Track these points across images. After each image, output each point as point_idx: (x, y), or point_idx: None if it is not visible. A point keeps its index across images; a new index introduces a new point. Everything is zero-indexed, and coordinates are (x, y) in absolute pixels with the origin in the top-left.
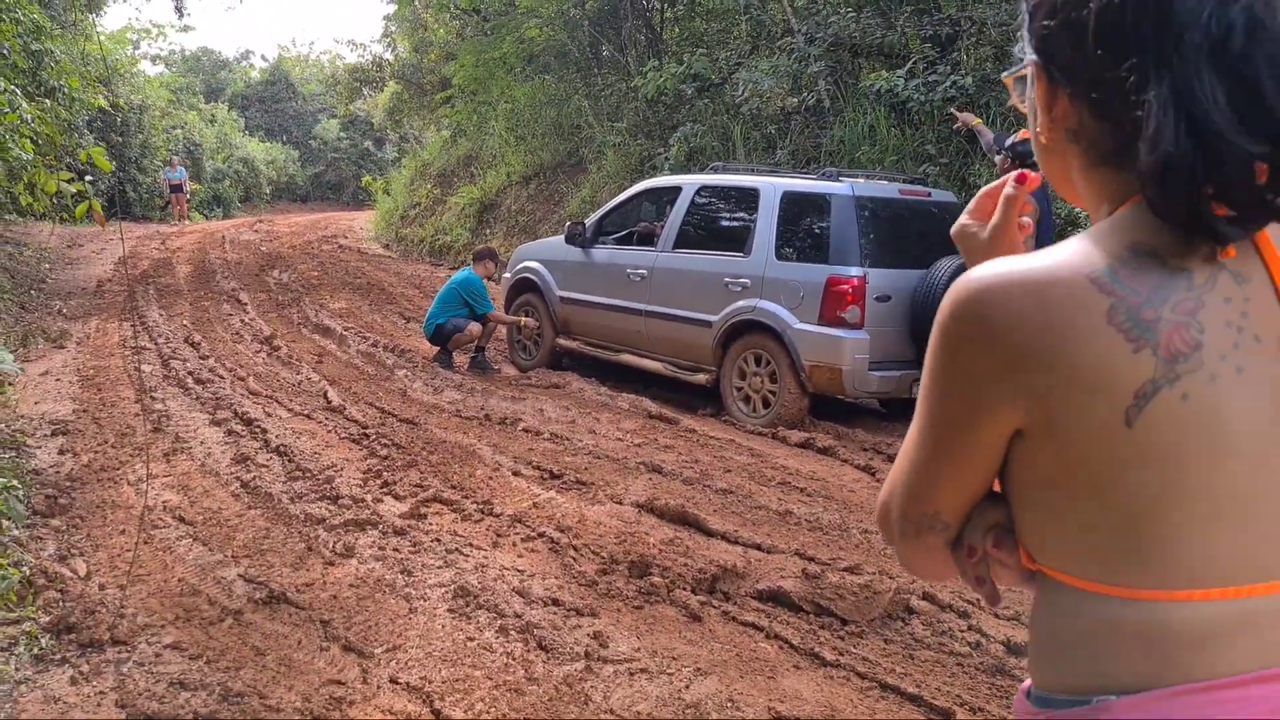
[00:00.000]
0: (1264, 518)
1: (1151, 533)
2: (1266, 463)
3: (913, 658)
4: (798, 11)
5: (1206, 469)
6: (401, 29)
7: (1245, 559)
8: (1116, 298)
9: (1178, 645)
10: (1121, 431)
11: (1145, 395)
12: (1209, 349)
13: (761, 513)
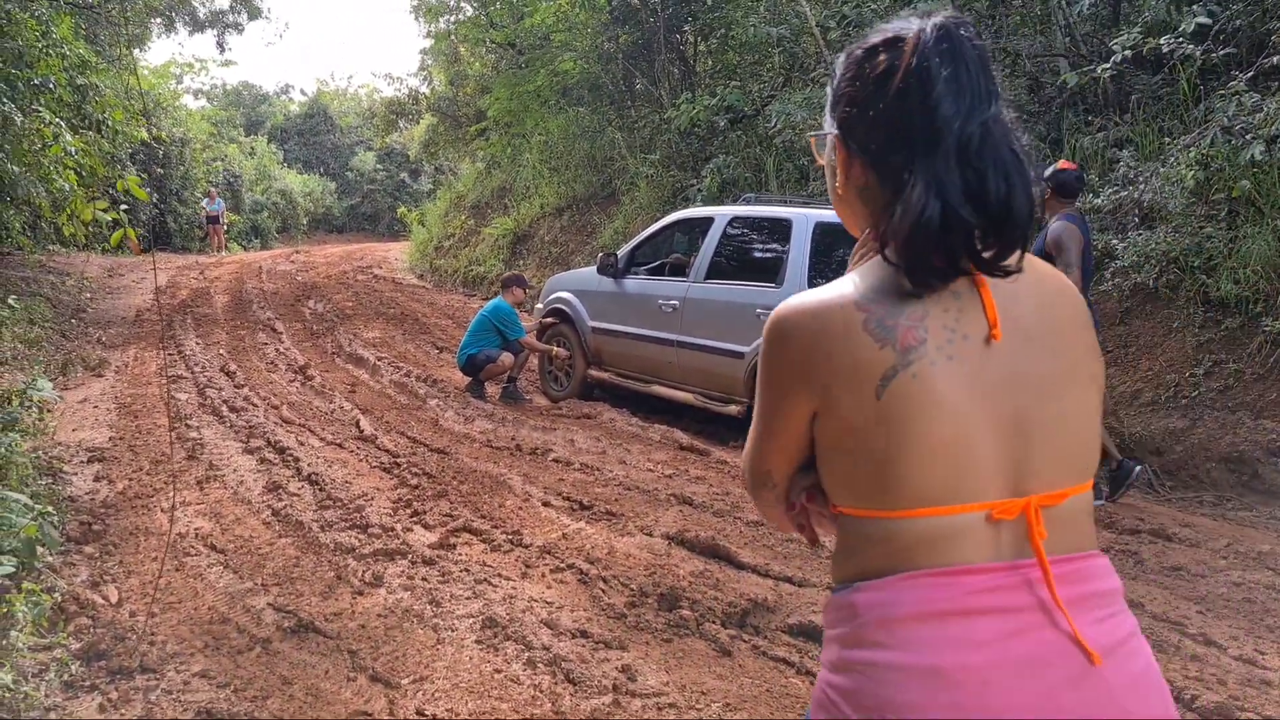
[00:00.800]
0: (965, 457)
1: (891, 471)
2: (967, 419)
3: None
4: (831, 44)
5: (926, 425)
6: (438, 62)
7: (953, 487)
8: (868, 312)
9: (904, 547)
10: (873, 403)
11: (888, 377)
12: (930, 343)
13: (793, 545)
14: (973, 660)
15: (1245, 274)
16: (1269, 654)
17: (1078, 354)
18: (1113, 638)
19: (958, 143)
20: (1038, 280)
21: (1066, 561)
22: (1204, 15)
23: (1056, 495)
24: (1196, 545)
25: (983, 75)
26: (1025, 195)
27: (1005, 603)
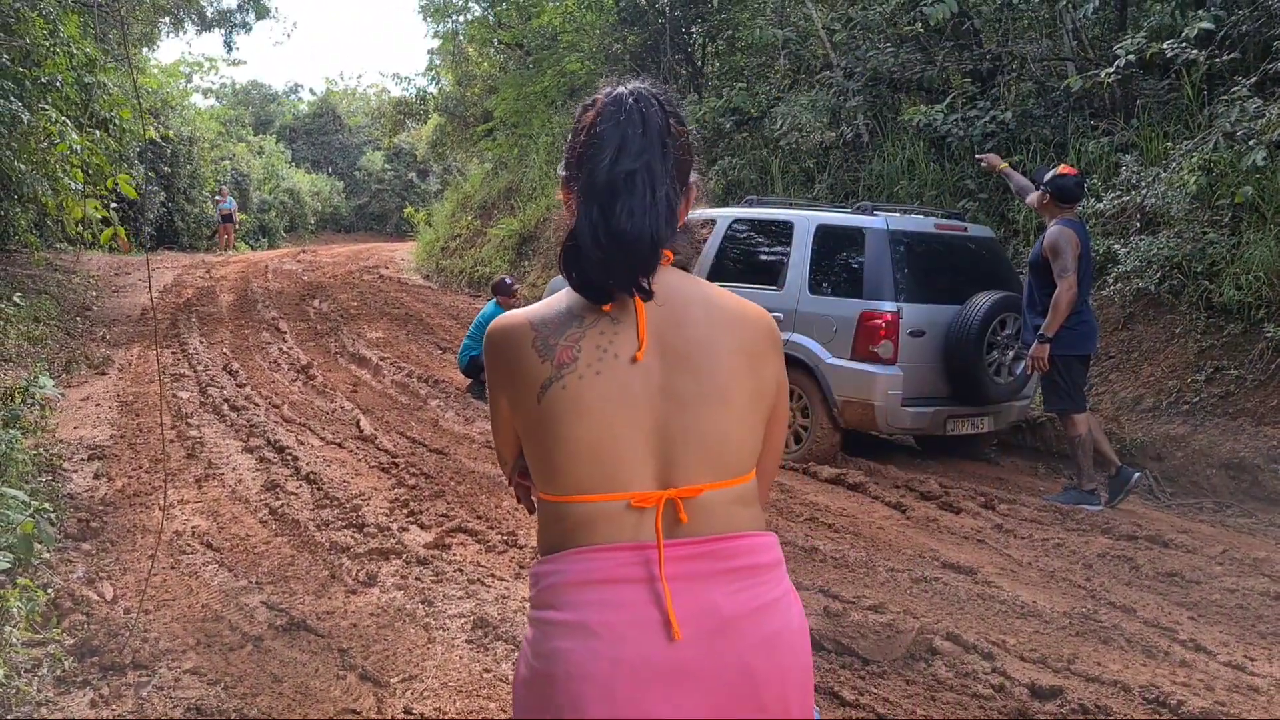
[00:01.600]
0: (608, 455)
1: (552, 463)
2: (610, 424)
3: (934, 699)
4: (837, 46)
5: (571, 428)
6: (445, 63)
7: (600, 479)
8: (537, 333)
9: (570, 527)
10: (536, 407)
11: (545, 386)
12: (582, 360)
13: (787, 549)
14: (611, 618)
15: (1247, 280)
16: (1259, 660)
17: (727, 376)
18: (749, 605)
19: (600, 185)
20: (709, 309)
21: (706, 542)
22: (1208, 21)
23: (693, 490)
24: (1193, 551)
25: (643, 135)
26: (648, 231)
27: (637, 574)
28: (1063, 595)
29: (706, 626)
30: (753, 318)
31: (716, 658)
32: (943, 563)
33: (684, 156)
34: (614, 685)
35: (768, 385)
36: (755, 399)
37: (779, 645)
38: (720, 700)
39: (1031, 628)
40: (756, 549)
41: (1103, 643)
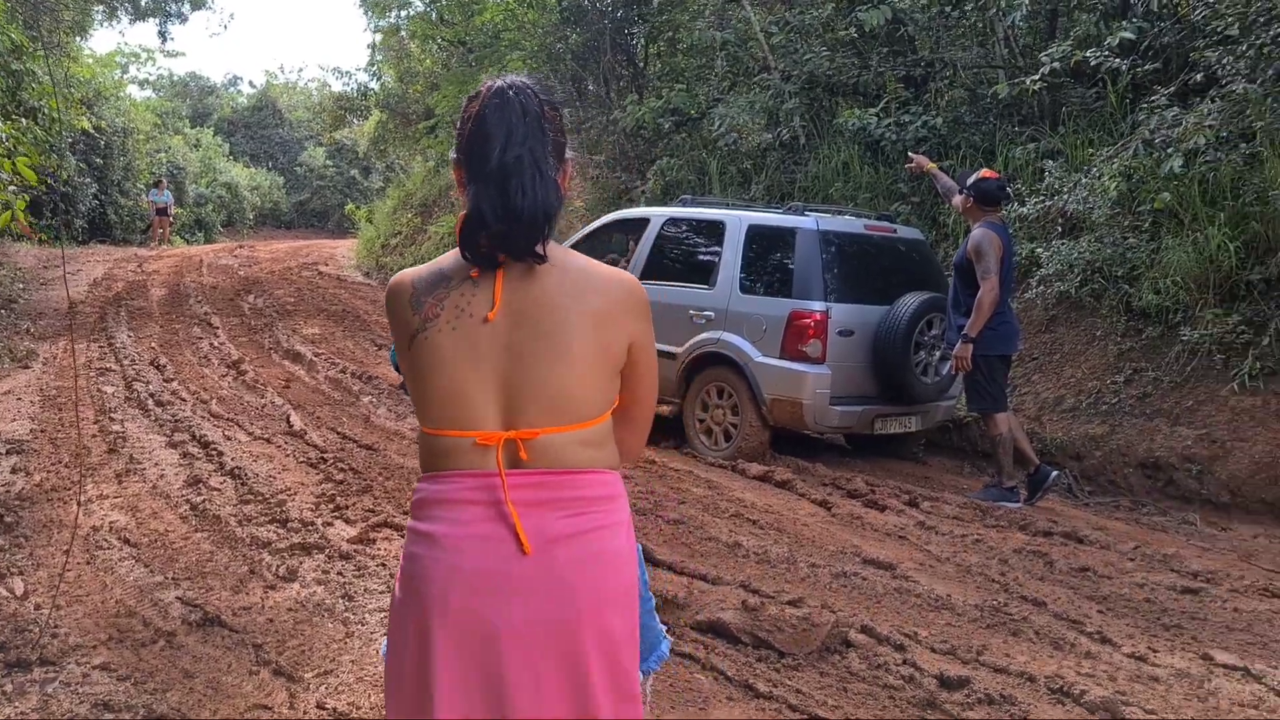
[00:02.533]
0: (459, 400)
1: (420, 401)
2: (461, 374)
3: (846, 690)
4: (774, 49)
5: (430, 375)
6: (387, 58)
7: (454, 418)
8: (414, 290)
9: (434, 455)
10: (409, 353)
11: (413, 336)
12: (443, 318)
13: (711, 544)
14: (454, 532)
15: (1166, 284)
16: (1161, 651)
17: (570, 336)
18: (576, 529)
19: (496, 167)
20: (563, 276)
21: (541, 474)
22: (1129, 31)
23: (532, 432)
24: (1106, 548)
25: (524, 122)
26: (540, 207)
27: (478, 498)
28: (977, 589)
29: (535, 543)
30: (606, 285)
31: (542, 571)
32: (863, 558)
33: (559, 138)
34: (450, 587)
35: (617, 345)
36: (600, 357)
37: (600, 565)
38: (541, 607)
39: (944, 620)
40: (591, 484)
41: (1012, 635)
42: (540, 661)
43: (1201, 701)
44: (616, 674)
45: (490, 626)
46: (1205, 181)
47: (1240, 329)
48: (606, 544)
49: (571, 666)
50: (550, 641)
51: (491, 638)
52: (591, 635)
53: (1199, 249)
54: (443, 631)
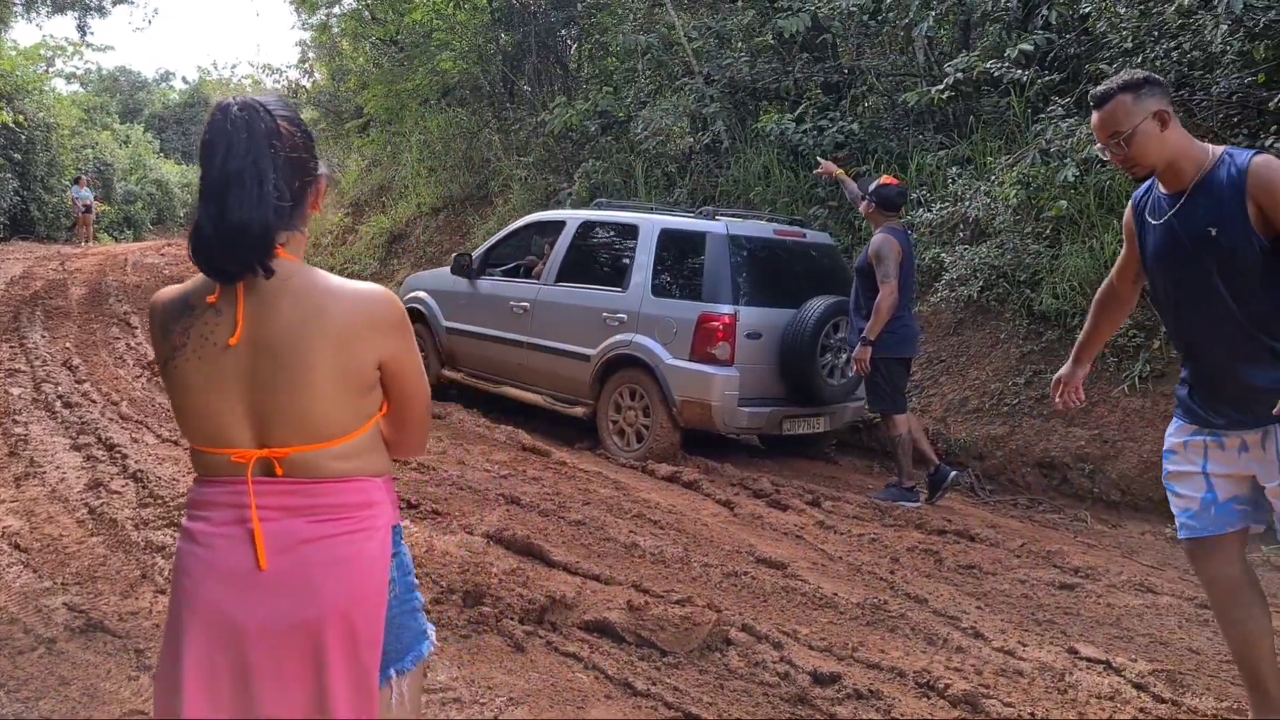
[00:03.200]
0: (210, 421)
1: (181, 423)
2: (207, 398)
3: (723, 688)
4: (697, 54)
5: (180, 399)
6: (319, 56)
7: (209, 437)
8: (166, 315)
9: (200, 466)
10: (164, 376)
11: (165, 361)
12: (189, 346)
13: (609, 544)
14: (208, 530)
15: (1064, 289)
16: (1030, 645)
17: (308, 361)
18: (324, 533)
19: (215, 181)
20: (302, 299)
21: (295, 484)
22: (1027, 43)
23: (283, 451)
24: (995, 545)
25: (249, 138)
26: (257, 221)
27: (232, 502)
28: (864, 587)
29: (282, 546)
30: (352, 305)
31: (287, 571)
32: (757, 558)
33: (294, 154)
34: (202, 581)
35: (363, 364)
36: (344, 379)
37: (346, 567)
38: (286, 606)
39: (827, 618)
40: (344, 491)
41: (890, 631)
42: (283, 658)
43: (1061, 694)
44: (357, 673)
45: (236, 623)
46: (1102, 190)
47: (1132, 333)
48: (354, 548)
49: (313, 664)
50: (293, 639)
51: (238, 634)
52: (334, 634)
53: (1095, 255)
54: (193, 623)
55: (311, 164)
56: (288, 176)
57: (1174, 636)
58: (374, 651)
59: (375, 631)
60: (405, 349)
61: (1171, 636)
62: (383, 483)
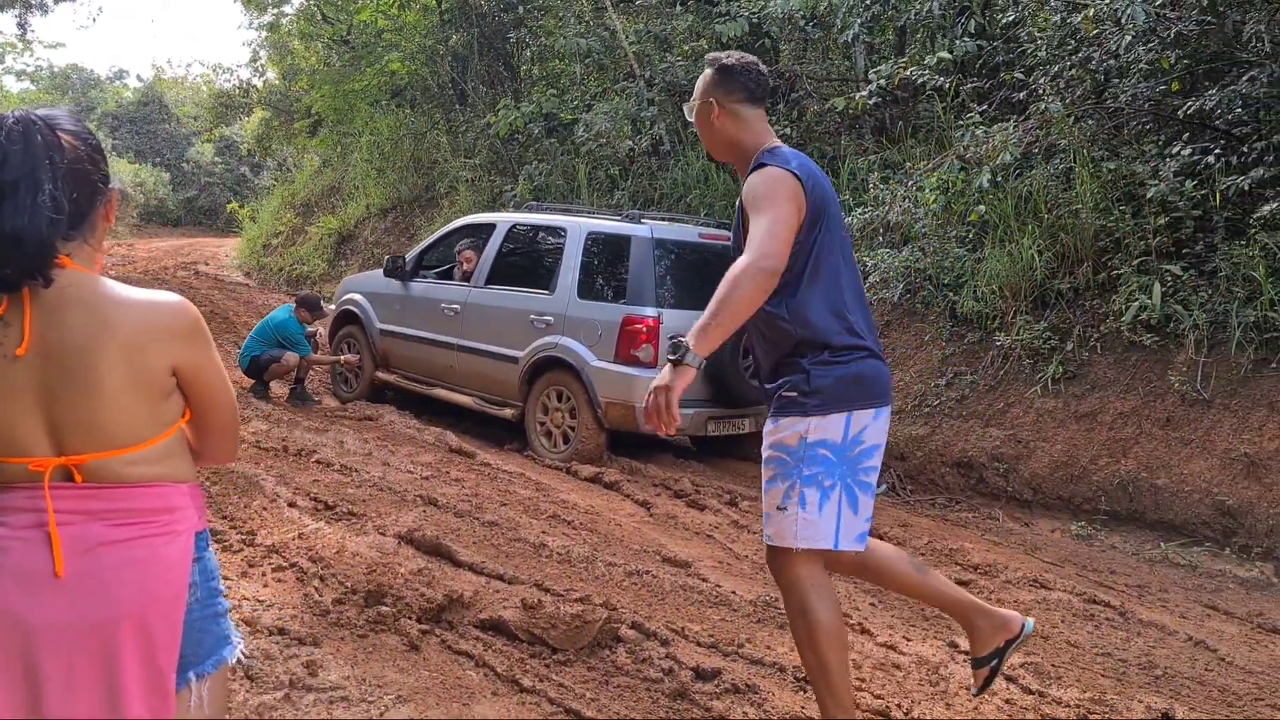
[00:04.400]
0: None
1: None
2: (3, 409)
3: (608, 684)
4: (638, 57)
5: None
6: (270, 55)
7: (8, 446)
8: None
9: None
10: None
11: None
12: None
13: (519, 545)
14: (6, 534)
15: (985, 292)
16: (913, 640)
17: (97, 370)
18: (121, 537)
19: None
20: (92, 308)
21: (92, 489)
22: (945, 50)
23: (80, 459)
24: (903, 544)
25: (25, 150)
26: (31, 231)
27: (29, 506)
28: (762, 585)
29: (79, 549)
30: (142, 314)
31: (83, 573)
32: (664, 557)
33: (76, 166)
34: (1, 582)
35: (156, 371)
36: (137, 387)
37: (142, 570)
38: (80, 608)
39: (719, 615)
40: (144, 496)
41: (779, 628)
42: (76, 660)
43: (932, 686)
44: (152, 674)
45: (27, 624)
46: (1020, 196)
47: (1047, 335)
48: (152, 551)
49: (105, 665)
50: (86, 641)
51: (30, 634)
52: (129, 636)
53: (1014, 260)
54: None
55: (97, 177)
56: (68, 189)
57: (1056, 631)
58: (170, 654)
59: (172, 634)
60: (200, 355)
61: (1053, 631)
62: (187, 489)
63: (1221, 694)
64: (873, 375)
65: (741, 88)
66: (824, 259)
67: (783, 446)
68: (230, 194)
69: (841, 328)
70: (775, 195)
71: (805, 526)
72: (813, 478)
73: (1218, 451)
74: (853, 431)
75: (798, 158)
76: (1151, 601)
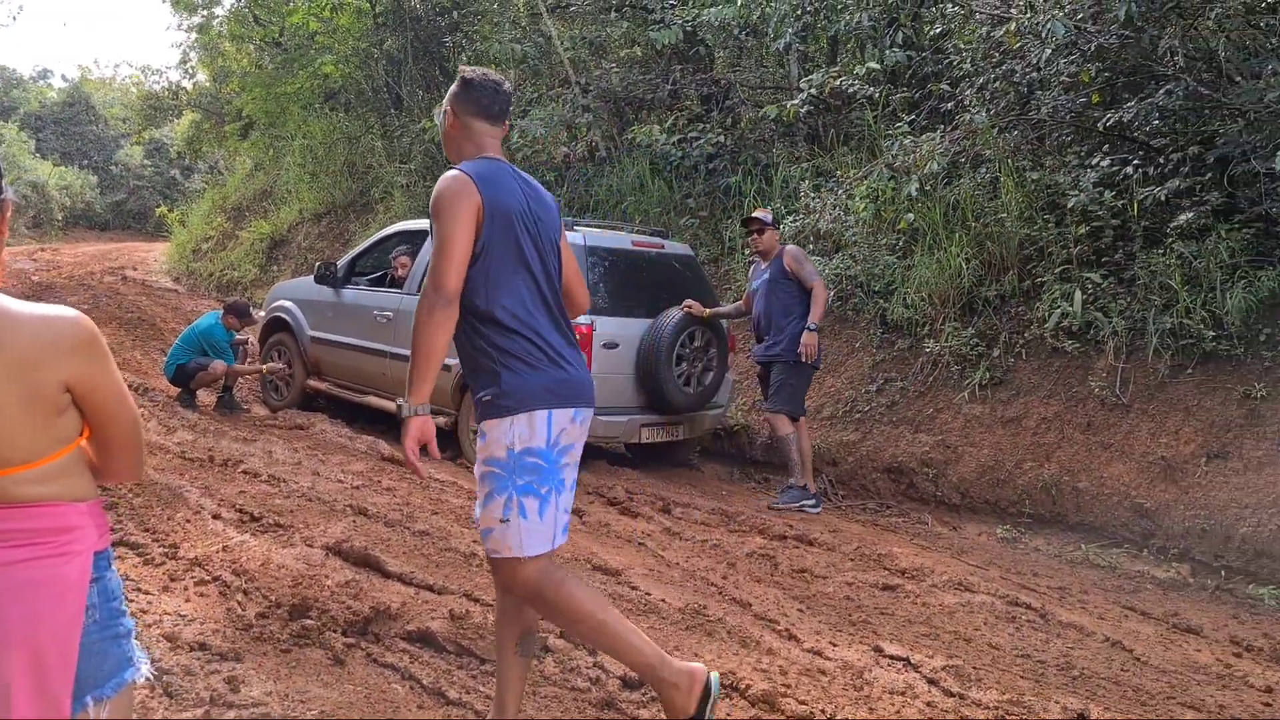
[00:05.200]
0: None
1: None
2: None
3: (536, 694)
4: (574, 63)
5: None
6: (201, 57)
7: None
8: None
9: None
10: None
11: None
12: None
13: (450, 554)
14: None
15: (915, 299)
16: (840, 646)
17: None
18: (11, 558)
19: None
20: None
21: None
22: (874, 61)
23: None
24: (832, 549)
25: None
26: None
27: None
28: (693, 593)
29: None
30: (32, 330)
31: None
32: (595, 565)
33: None
34: None
35: (47, 387)
36: (26, 402)
37: (36, 592)
38: None
39: (648, 624)
40: (39, 516)
41: (707, 635)
42: None
43: (856, 690)
44: (43, 699)
45: None
46: (949, 204)
47: (974, 342)
48: (46, 572)
49: None
50: None
51: None
52: (20, 658)
53: (943, 267)
54: None
55: None
56: None
57: (978, 633)
58: (64, 678)
59: (66, 658)
60: (96, 371)
61: (976, 633)
62: (86, 507)
63: (1136, 694)
64: (562, 380)
65: (474, 102)
66: (503, 267)
67: (494, 460)
68: (160, 197)
69: (529, 334)
70: (448, 212)
71: (530, 534)
72: (528, 487)
73: (1136, 455)
74: (554, 432)
75: (486, 165)
76: (1072, 603)
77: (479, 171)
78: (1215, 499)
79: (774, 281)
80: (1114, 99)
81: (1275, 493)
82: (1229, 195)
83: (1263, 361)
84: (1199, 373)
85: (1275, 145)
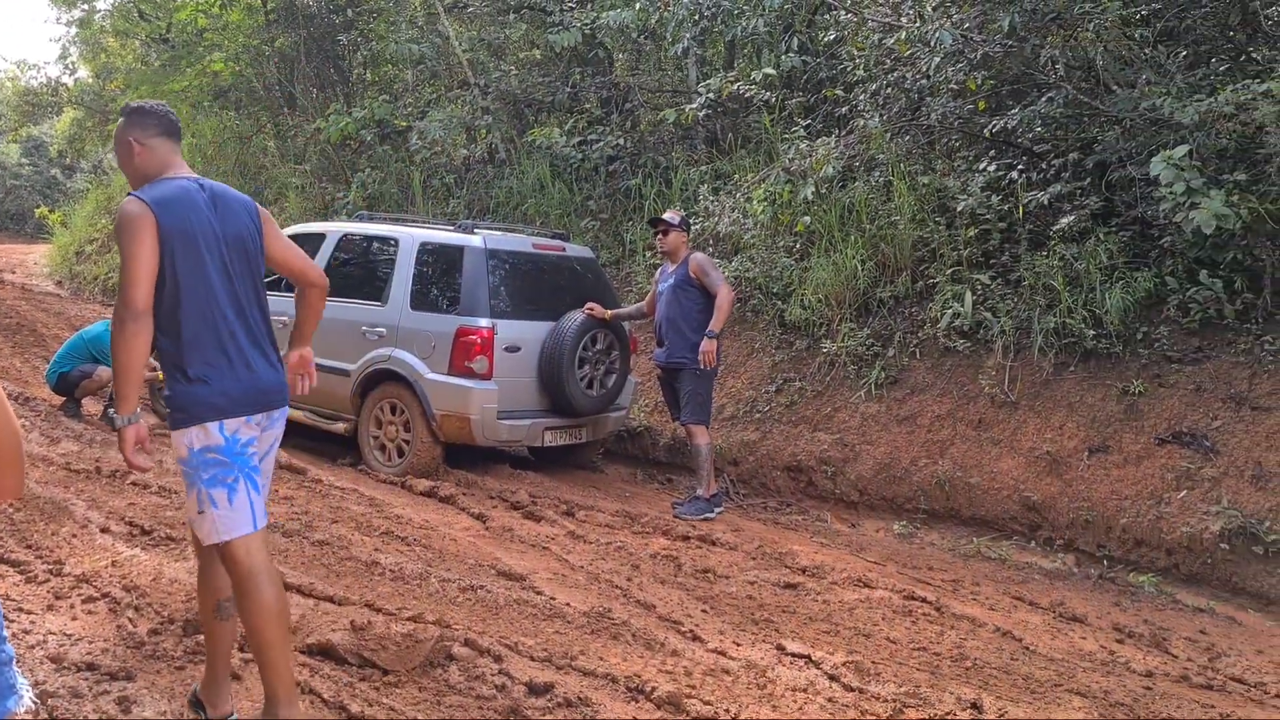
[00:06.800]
0: None
1: None
2: None
3: (440, 703)
4: (472, 64)
5: None
6: (83, 53)
7: None
8: None
9: None
10: None
11: None
12: None
13: (350, 564)
14: None
15: (812, 300)
16: (743, 645)
17: None
18: None
19: None
20: None
21: None
22: (770, 66)
23: None
24: (734, 549)
25: None
26: None
27: None
28: (598, 596)
29: None
30: None
31: None
32: (499, 571)
33: None
34: None
35: None
36: None
37: None
38: None
39: (554, 629)
40: None
41: (613, 639)
42: None
43: (760, 689)
44: None
45: None
46: (844, 207)
47: (870, 342)
48: None
49: None
50: None
51: None
52: None
53: (839, 269)
54: None
55: None
56: None
57: (877, 628)
58: None
59: None
60: None
61: (874, 629)
62: None
63: (1026, 682)
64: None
65: (155, 125)
66: (185, 284)
67: (181, 460)
68: (39, 198)
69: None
70: (128, 236)
71: (224, 521)
72: (213, 480)
73: (1024, 450)
74: (228, 433)
75: (167, 188)
76: (965, 595)
77: (157, 197)
78: (1097, 491)
79: (678, 287)
80: (999, 106)
81: (1153, 484)
82: (1107, 199)
83: (1140, 359)
84: (1081, 370)
85: (1149, 151)
